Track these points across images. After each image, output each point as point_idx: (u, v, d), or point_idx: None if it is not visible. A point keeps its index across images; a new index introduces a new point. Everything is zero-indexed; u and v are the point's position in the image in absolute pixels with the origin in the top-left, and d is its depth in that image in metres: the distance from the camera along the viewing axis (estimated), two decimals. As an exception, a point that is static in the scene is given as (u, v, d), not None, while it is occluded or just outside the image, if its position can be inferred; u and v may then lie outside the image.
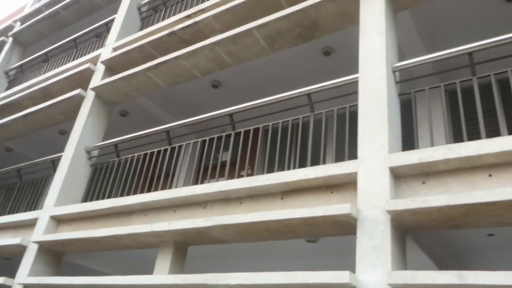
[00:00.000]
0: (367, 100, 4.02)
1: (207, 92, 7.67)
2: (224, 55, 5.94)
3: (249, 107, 5.22)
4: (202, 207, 4.88)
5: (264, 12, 5.82)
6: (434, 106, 5.50)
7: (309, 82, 5.17)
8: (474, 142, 3.31)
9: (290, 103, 4.99)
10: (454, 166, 3.40)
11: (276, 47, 5.63)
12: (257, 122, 5.38)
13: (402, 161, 3.57)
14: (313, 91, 4.69)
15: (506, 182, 3.24)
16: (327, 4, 4.86)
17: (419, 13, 5.41)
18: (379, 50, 4.19)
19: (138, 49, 7.06)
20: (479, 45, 3.86)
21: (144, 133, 6.33)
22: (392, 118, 3.95)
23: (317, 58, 6.46)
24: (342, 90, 4.63)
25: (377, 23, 4.35)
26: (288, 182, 4.14)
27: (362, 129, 3.92)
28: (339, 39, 5.95)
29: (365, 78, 4.15)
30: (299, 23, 5.20)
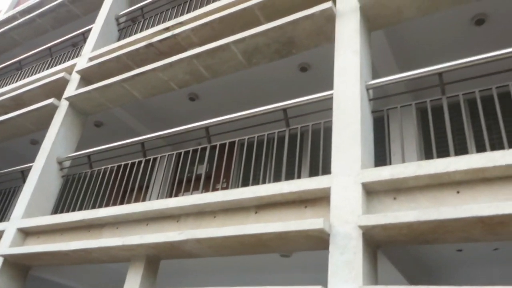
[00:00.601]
0: (341, 116, 4.09)
1: (184, 105, 7.64)
2: (202, 68, 5.96)
3: (225, 120, 5.22)
4: (175, 220, 4.82)
5: (243, 27, 5.88)
6: (406, 123, 5.64)
7: (286, 97, 5.23)
8: (443, 159, 3.41)
9: (266, 117, 5.03)
10: (424, 182, 3.48)
11: (253, 62, 5.68)
12: (233, 136, 5.39)
13: (374, 177, 3.63)
14: (288, 106, 4.74)
15: (473, 199, 3.34)
16: (304, 21, 4.95)
17: (393, 33, 5.57)
18: (353, 68, 4.28)
19: (115, 60, 7.00)
20: (448, 66, 3.99)
21: (119, 145, 6.24)
22: (365, 134, 4.02)
23: (294, 74, 6.54)
24: (318, 106, 4.70)
25: (352, 42, 4.46)
26: (262, 196, 4.15)
27: (336, 144, 3.98)
28: (316, 56, 6.06)
29: (339, 95, 4.23)
30: (276, 39, 5.27)
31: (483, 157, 3.28)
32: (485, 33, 5.54)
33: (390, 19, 4.77)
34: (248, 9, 5.79)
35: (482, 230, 3.17)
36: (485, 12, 5.25)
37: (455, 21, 5.41)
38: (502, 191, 3.26)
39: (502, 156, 3.23)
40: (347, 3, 4.77)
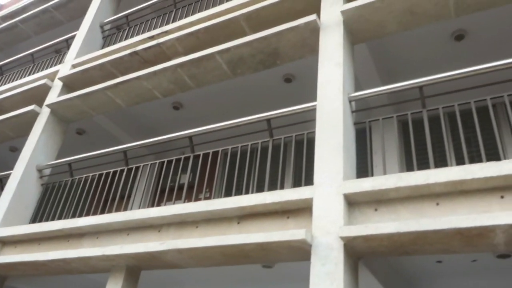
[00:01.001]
0: (324, 127, 4.12)
1: (168, 113, 7.61)
2: (186, 78, 5.96)
3: (209, 130, 5.21)
4: (157, 230, 4.77)
5: (228, 38, 5.91)
6: (388, 135, 5.72)
7: (270, 108, 5.25)
8: (423, 171, 3.46)
9: (250, 127, 5.04)
10: (405, 194, 3.53)
11: (238, 72, 5.70)
12: (216, 146, 5.38)
13: (356, 188, 3.66)
14: (272, 117, 4.76)
15: (452, 211, 3.39)
16: (289, 33, 5.00)
17: (375, 46, 5.67)
18: (336, 80, 4.34)
19: (98, 67, 6.95)
20: (429, 80, 4.07)
21: (101, 153, 6.16)
22: (348, 146, 4.06)
23: (279, 85, 6.59)
24: (301, 117, 4.73)
25: (335, 54, 4.52)
26: (245, 206, 4.14)
27: (319, 155, 4.00)
28: (301, 67, 6.12)
29: (322, 106, 4.27)
30: (261, 50, 5.31)
31: (461, 169, 3.34)
32: (464, 48, 5.68)
33: (372, 33, 4.85)
34: (234, 20, 5.82)
35: (461, 241, 3.22)
36: (465, 28, 5.40)
37: (435, 36, 5.54)
38: (480, 203, 3.32)
39: (480, 169, 3.29)
40: (331, 17, 4.85)
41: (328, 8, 4.98)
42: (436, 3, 4.45)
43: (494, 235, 3.08)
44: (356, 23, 4.75)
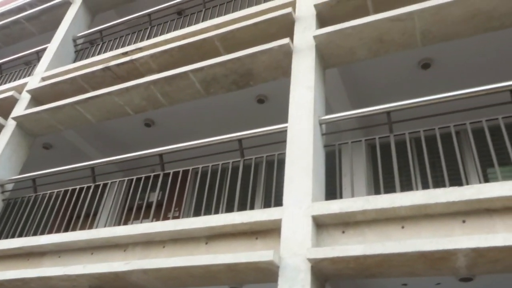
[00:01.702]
0: (294, 149, 4.17)
1: (139, 130, 7.52)
2: (159, 95, 5.93)
3: (180, 148, 5.18)
4: (122, 249, 4.65)
5: (202, 57, 5.94)
6: (357, 158, 5.82)
7: (242, 128, 5.28)
8: (389, 195, 3.54)
9: (221, 147, 5.03)
10: (371, 217, 3.59)
11: (211, 91, 5.72)
12: (187, 164, 5.34)
13: (324, 210, 3.70)
14: (244, 137, 4.79)
15: (417, 234, 3.47)
16: (262, 55, 5.08)
17: (347, 71, 5.82)
18: (307, 103, 4.42)
19: (69, 81, 6.83)
20: (396, 106, 4.21)
21: (67, 169, 6.00)
22: (317, 168, 4.12)
23: (251, 105, 6.64)
24: (273, 138, 4.77)
25: (307, 78, 4.61)
26: (213, 226, 4.10)
27: (288, 177, 4.03)
28: (273, 89, 6.19)
29: (293, 128, 4.32)
30: (234, 71, 5.36)
31: (425, 194, 3.44)
32: (431, 76, 5.90)
33: (343, 58, 4.99)
34: (208, 40, 5.87)
35: (425, 265, 3.28)
36: (431, 57, 5.62)
37: (404, 64, 5.74)
38: (443, 227, 3.42)
39: (443, 194, 3.39)
40: (304, 41, 4.97)
41: (301, 33, 5.10)
42: (404, 32, 4.63)
43: (456, 259, 3.16)
44: (328, 48, 4.87)
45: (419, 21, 4.52)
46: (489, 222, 3.31)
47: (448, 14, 4.43)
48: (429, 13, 4.43)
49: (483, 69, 5.62)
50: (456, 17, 4.45)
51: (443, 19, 4.47)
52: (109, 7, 8.96)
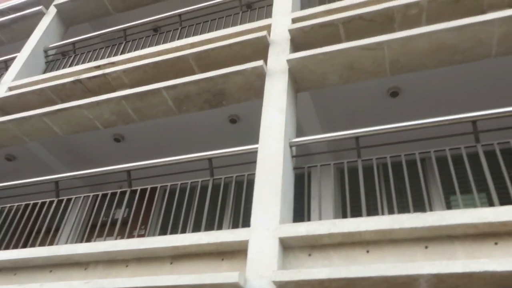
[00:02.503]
0: (264, 170, 4.19)
1: (108, 145, 7.37)
2: (130, 110, 5.86)
3: (149, 165, 5.11)
4: (83, 268, 4.49)
5: (176, 74, 5.94)
6: (326, 181, 5.89)
7: (213, 147, 5.26)
8: (355, 219, 3.58)
9: (191, 165, 4.99)
10: (337, 240, 3.61)
11: (183, 109, 5.71)
12: (155, 181, 5.26)
13: (291, 233, 3.70)
14: (214, 156, 4.77)
15: (381, 259, 3.51)
16: (236, 76, 5.13)
17: (318, 96, 5.93)
18: (278, 125, 4.47)
19: (37, 92, 6.67)
20: (364, 131, 4.31)
21: (29, 182, 5.79)
22: (286, 190, 4.13)
23: (223, 125, 6.65)
24: (243, 158, 4.77)
25: (279, 100, 4.68)
26: (179, 246, 4.03)
27: (257, 198, 4.03)
28: (246, 109, 6.23)
29: (263, 149, 4.35)
30: (208, 90, 5.37)
31: (390, 219, 3.50)
32: (399, 104, 6.08)
33: (315, 83, 5.10)
34: (183, 58, 5.89)
35: (388, 289, 3.31)
36: (399, 86, 5.81)
37: (373, 91, 5.90)
38: (407, 252, 3.47)
39: (408, 219, 3.47)
40: (277, 64, 5.05)
41: (275, 56, 5.20)
42: (374, 61, 4.79)
43: (418, 284, 3.20)
44: (300, 72, 4.97)
45: (388, 51, 4.69)
46: (450, 248, 3.40)
47: (415, 46, 4.61)
48: (398, 44, 4.61)
49: (448, 100, 5.85)
50: (423, 50, 4.64)
51: (411, 50, 4.66)
52: (83, 20, 8.88)
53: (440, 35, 4.50)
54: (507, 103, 4.29)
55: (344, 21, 5.17)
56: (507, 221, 3.23)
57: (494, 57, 4.71)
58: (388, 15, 5.04)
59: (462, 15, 4.75)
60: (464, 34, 4.47)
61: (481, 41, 4.52)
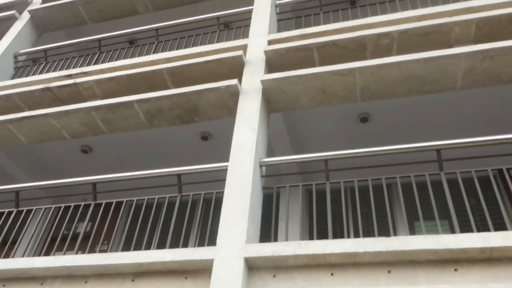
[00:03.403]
0: (233, 189, 4.17)
1: (74, 156, 7.18)
2: (100, 122, 5.75)
3: (116, 178, 5.00)
4: (39, 283, 4.30)
5: (149, 88, 5.89)
6: (294, 202, 5.91)
7: (183, 163, 5.21)
8: (320, 241, 3.60)
9: (159, 180, 4.92)
10: (302, 262, 3.61)
11: (155, 123, 5.65)
12: (121, 195, 5.15)
13: (257, 253, 3.68)
14: (183, 172, 4.73)
15: (345, 282, 3.52)
16: (209, 93, 5.14)
17: (291, 117, 6.00)
18: (249, 144, 4.48)
19: (4, 98, 6.46)
20: (334, 154, 4.38)
21: (-12, 190, 5.55)
22: (254, 209, 4.12)
23: (195, 141, 6.61)
24: (213, 176, 4.74)
25: (251, 120, 4.70)
26: (142, 263, 3.93)
27: (224, 216, 4.00)
28: (219, 127, 6.22)
29: (233, 168, 4.34)
30: (181, 105, 5.35)
31: (355, 242, 3.53)
32: (368, 130, 6.22)
33: (288, 104, 5.17)
34: (158, 72, 5.86)
35: (350, 313, 3.32)
36: (369, 112, 5.96)
37: (344, 116, 6.02)
38: (370, 276, 3.51)
39: (372, 243, 3.51)
40: (251, 84, 5.10)
41: (250, 76, 5.25)
42: (345, 86, 4.90)
43: (380, 309, 3.23)
44: (274, 93, 5.04)
45: (359, 78, 4.82)
46: (412, 273, 3.45)
47: (385, 74, 4.76)
48: (369, 71, 4.75)
49: (415, 128, 6.02)
50: (393, 78, 4.79)
51: (381, 78, 4.80)
52: (58, 28, 8.74)
53: (409, 65, 4.67)
54: (470, 134, 4.47)
55: (318, 46, 5.29)
56: (467, 248, 3.32)
57: (459, 90, 4.91)
58: (361, 43, 5.20)
59: (431, 48, 4.96)
60: (432, 66, 4.65)
61: (447, 73, 4.71)
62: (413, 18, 5.29)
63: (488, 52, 4.48)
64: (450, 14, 5.14)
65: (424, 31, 5.04)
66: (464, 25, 4.94)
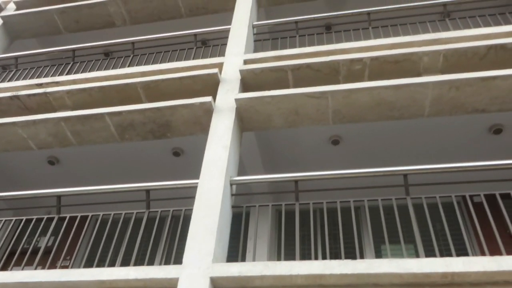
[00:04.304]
0: (202, 207, 4.13)
1: (40, 167, 6.96)
2: (69, 133, 5.62)
3: (82, 192, 4.87)
4: (-7, 299, 4.10)
5: (122, 101, 5.82)
6: (263, 222, 5.90)
7: (153, 179, 5.13)
8: (287, 262, 3.59)
9: (127, 195, 4.83)
10: (269, 283, 3.59)
11: (126, 137, 5.57)
12: (87, 210, 5.02)
13: (223, 272, 3.63)
14: (152, 188, 4.65)
15: (311, 304, 3.52)
16: (183, 109, 5.12)
17: (263, 137, 6.03)
18: (221, 162, 4.47)
19: (-32, 105, 6.25)
20: (303, 176, 4.42)
21: None
22: (222, 228, 4.09)
23: (166, 157, 6.53)
24: (183, 193, 4.69)
25: (224, 138, 4.70)
26: (104, 280, 3.82)
27: (192, 235, 3.95)
28: (191, 143, 6.18)
29: (204, 185, 4.31)
30: (153, 120, 5.30)
31: (322, 264, 3.54)
32: (339, 152, 6.31)
33: (261, 124, 5.21)
34: (132, 85, 5.81)
35: (314, 336, 3.31)
36: (340, 135, 6.05)
37: (315, 137, 6.09)
38: (336, 299, 3.51)
39: (338, 265, 3.53)
40: (225, 102, 5.12)
41: (224, 94, 5.27)
42: (318, 109, 4.99)
43: (343, 332, 3.23)
44: (247, 112, 5.07)
45: (332, 101, 4.91)
46: (377, 297, 3.48)
47: (357, 99, 4.88)
48: (341, 95, 4.85)
49: (384, 152, 6.15)
50: (364, 103, 4.91)
51: (353, 102, 4.91)
52: (31, 35, 8.58)
53: (380, 91, 4.80)
54: (436, 160, 4.60)
55: (293, 68, 5.38)
56: (430, 273, 3.38)
57: (427, 117, 5.07)
58: (334, 67, 5.32)
59: (401, 75, 5.12)
60: (401, 93, 4.80)
61: (416, 101, 4.86)
62: (385, 46, 5.46)
63: (454, 82, 4.67)
64: (420, 44, 5.34)
65: (395, 59, 5.20)
66: (433, 55, 5.13)
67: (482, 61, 5.10)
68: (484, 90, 4.70)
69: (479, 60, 5.11)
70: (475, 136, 5.92)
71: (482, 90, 4.70)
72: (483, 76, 4.63)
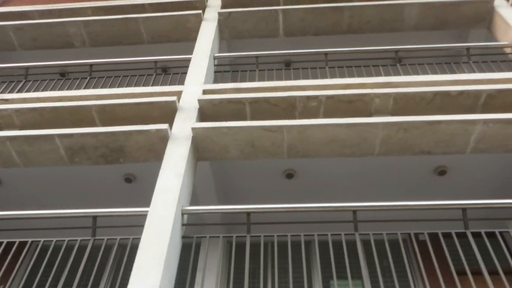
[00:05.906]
0: (151, 236, 4.02)
1: (-20, 188, 6.56)
2: (14, 153, 5.35)
3: (22, 216, 4.62)
4: None
5: (74, 123, 5.65)
6: (214, 254, 5.80)
7: (102, 205, 4.96)
8: (235, 296, 3.53)
9: (72, 221, 4.62)
10: (215, 317, 3.50)
11: (76, 161, 5.38)
12: (27, 235, 4.74)
13: (168, 306, 3.51)
14: (99, 215, 4.49)
15: None
16: (138, 135, 5.04)
17: (218, 167, 6.02)
18: (173, 190, 4.40)
19: None
20: (256, 208, 4.43)
21: None
22: (170, 259, 3.98)
23: (117, 183, 6.36)
24: (132, 220, 4.54)
25: (178, 166, 4.65)
26: (39, 312, 3.57)
27: (138, 264, 3.81)
28: (144, 170, 6.06)
29: (154, 214, 4.21)
30: (106, 144, 5.17)
31: (270, 299, 3.51)
32: (293, 186, 6.40)
33: (217, 154, 5.21)
34: (86, 108, 5.67)
35: None
36: (295, 169, 6.16)
37: (271, 170, 6.17)
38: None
39: (286, 301, 3.50)
40: (182, 130, 5.10)
41: (181, 122, 5.25)
42: (273, 142, 5.07)
43: None
44: (203, 142, 5.06)
45: (287, 135, 5.01)
46: (323, 333, 3.47)
47: (311, 135, 5.01)
48: (296, 130, 4.97)
49: (335, 188, 6.29)
50: (318, 139, 5.04)
51: (307, 138, 5.04)
52: (-17, 51, 8.25)
53: (333, 128, 4.96)
54: (384, 198, 4.76)
55: (251, 101, 5.47)
56: (374, 310, 3.43)
57: (376, 156, 5.27)
58: (291, 103, 5.46)
59: (353, 115, 5.33)
60: (353, 131, 4.98)
61: (367, 140, 5.06)
62: (340, 86, 5.69)
63: (402, 124, 4.91)
64: (372, 86, 5.60)
65: (348, 99, 5.42)
66: (383, 97, 5.39)
67: (428, 106, 5.42)
68: (430, 133, 4.96)
69: (426, 104, 5.42)
70: (421, 177, 6.21)
71: (428, 133, 4.96)
72: (429, 120, 4.90)
